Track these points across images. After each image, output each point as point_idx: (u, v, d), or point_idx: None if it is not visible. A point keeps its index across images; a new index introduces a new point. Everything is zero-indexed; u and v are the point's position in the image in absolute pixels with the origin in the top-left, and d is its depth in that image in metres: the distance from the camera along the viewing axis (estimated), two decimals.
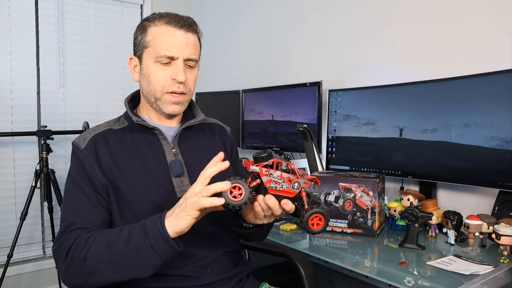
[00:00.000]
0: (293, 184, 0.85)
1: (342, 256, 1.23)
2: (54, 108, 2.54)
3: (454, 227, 1.35)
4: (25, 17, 2.41)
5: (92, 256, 0.83)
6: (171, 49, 0.98)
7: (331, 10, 2.09)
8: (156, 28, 0.99)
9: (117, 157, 0.99)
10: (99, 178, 0.96)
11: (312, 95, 1.98)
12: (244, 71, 2.70)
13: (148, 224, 0.83)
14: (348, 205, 1.41)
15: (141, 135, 1.03)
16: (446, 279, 1.03)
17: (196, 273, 0.98)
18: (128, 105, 1.07)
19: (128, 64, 1.07)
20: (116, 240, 0.83)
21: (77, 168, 0.98)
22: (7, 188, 2.40)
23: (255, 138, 2.33)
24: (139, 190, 0.97)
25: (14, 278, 2.43)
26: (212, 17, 2.94)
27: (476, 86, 1.38)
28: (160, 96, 1.01)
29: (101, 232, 0.88)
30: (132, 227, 0.85)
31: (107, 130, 1.03)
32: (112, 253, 0.83)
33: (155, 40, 0.98)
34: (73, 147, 1.00)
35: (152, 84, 1.01)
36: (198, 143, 1.10)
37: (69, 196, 0.97)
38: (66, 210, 0.96)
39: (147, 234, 0.81)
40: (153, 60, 0.99)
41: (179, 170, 1.02)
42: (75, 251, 0.85)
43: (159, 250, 0.81)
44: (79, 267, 0.85)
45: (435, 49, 1.65)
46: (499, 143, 1.32)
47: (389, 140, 1.64)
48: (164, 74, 1.00)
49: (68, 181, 0.99)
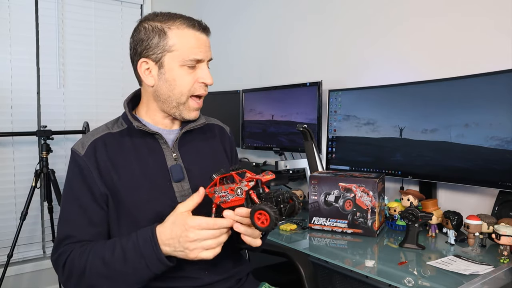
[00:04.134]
0: (236, 191, 0.85)
1: (342, 256, 1.23)
2: (54, 108, 2.54)
3: (454, 227, 1.35)
4: (25, 17, 2.41)
5: (90, 272, 0.88)
6: (199, 53, 0.98)
7: (331, 10, 2.09)
8: (179, 31, 0.97)
9: (116, 162, 0.98)
10: (99, 186, 0.95)
11: (312, 95, 1.98)
12: (244, 71, 2.70)
13: (142, 245, 0.86)
14: (348, 205, 1.41)
15: (141, 140, 1.02)
16: (446, 279, 1.03)
17: (195, 274, 0.98)
18: (127, 107, 1.05)
19: (138, 68, 1.01)
20: (111, 259, 0.87)
21: (76, 176, 0.97)
22: (7, 188, 2.40)
23: (255, 138, 2.33)
24: (139, 196, 0.96)
25: (14, 278, 2.43)
26: (212, 17, 2.94)
27: (476, 86, 1.38)
28: (186, 100, 1.00)
29: (94, 247, 0.90)
30: (125, 245, 0.87)
31: (106, 134, 1.02)
32: (109, 270, 0.87)
33: (181, 44, 0.96)
34: (72, 153, 1.00)
35: (178, 89, 0.99)
36: (198, 147, 1.09)
37: (65, 206, 0.98)
38: (62, 221, 0.98)
39: (142, 255, 0.85)
40: (178, 64, 0.97)
41: (179, 175, 1.01)
42: (72, 266, 0.90)
43: (155, 269, 0.86)
44: (78, 279, 0.89)
45: (435, 49, 1.65)
46: (499, 143, 1.32)
47: (389, 140, 1.64)
48: (191, 77, 0.99)
49: (66, 189, 1.00)
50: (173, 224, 0.85)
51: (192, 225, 0.82)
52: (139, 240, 0.86)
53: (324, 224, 1.46)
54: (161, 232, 0.86)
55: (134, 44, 1.01)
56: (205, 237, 0.83)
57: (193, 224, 0.82)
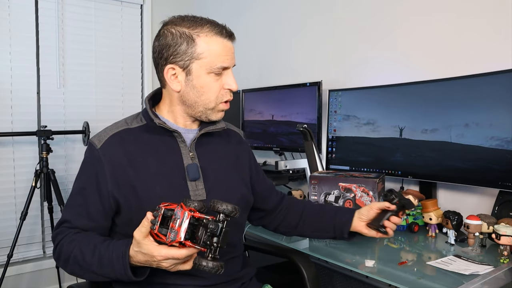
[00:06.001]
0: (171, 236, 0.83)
1: (342, 256, 1.23)
2: (54, 108, 2.54)
3: (454, 227, 1.35)
4: (25, 17, 2.41)
5: (73, 262, 0.95)
6: (226, 60, 1.00)
7: (331, 10, 2.09)
8: (208, 39, 0.98)
9: (132, 157, 0.99)
10: (108, 184, 0.97)
11: (312, 95, 1.98)
12: (244, 71, 2.69)
13: (115, 259, 0.88)
14: (348, 205, 1.41)
15: (160, 136, 1.03)
16: (446, 279, 1.03)
17: (203, 273, 0.97)
18: (148, 104, 1.05)
19: (165, 73, 1.00)
20: (90, 260, 0.92)
21: (88, 167, 1.01)
22: (7, 188, 2.40)
23: (255, 138, 2.33)
24: (154, 192, 0.97)
25: (14, 278, 2.43)
26: (212, 17, 2.92)
27: (476, 86, 1.38)
28: (215, 105, 1.02)
29: (81, 241, 0.95)
30: (103, 253, 0.90)
31: (124, 130, 1.03)
32: (87, 268, 0.93)
33: (210, 51, 0.97)
34: (89, 144, 1.02)
35: (206, 95, 1.00)
36: (214, 149, 1.10)
37: (73, 192, 1.03)
38: (67, 205, 1.03)
39: (114, 269, 0.89)
40: (206, 72, 0.98)
41: (195, 174, 1.02)
42: (60, 251, 0.97)
43: (126, 280, 0.91)
44: (63, 263, 0.98)
45: (435, 49, 1.65)
46: (499, 143, 1.32)
47: (389, 140, 1.64)
48: (218, 84, 1.01)
49: (77, 176, 1.04)
50: (141, 253, 0.85)
51: (159, 258, 0.83)
52: (113, 255, 0.89)
53: None
54: (133, 256, 0.87)
55: (160, 48, 1.00)
56: (176, 262, 0.85)
57: (160, 257, 0.83)
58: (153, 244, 0.84)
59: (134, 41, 2.84)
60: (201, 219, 0.82)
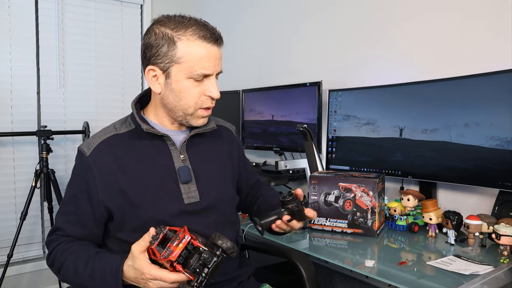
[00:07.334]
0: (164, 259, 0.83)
1: (342, 256, 1.23)
2: (54, 108, 2.54)
3: (454, 227, 1.35)
4: (25, 17, 2.41)
5: (65, 272, 0.95)
6: (208, 67, 0.94)
7: (331, 10, 2.09)
8: (189, 43, 0.92)
9: (122, 163, 0.98)
10: (98, 191, 0.96)
11: (312, 95, 1.98)
12: (244, 71, 2.70)
13: (108, 274, 0.89)
14: (348, 205, 1.41)
15: (149, 141, 1.01)
16: (446, 279, 1.03)
17: None
18: (135, 108, 1.03)
19: (146, 74, 0.98)
20: (83, 272, 0.92)
21: (78, 175, 1.00)
22: (7, 188, 2.40)
23: (255, 138, 2.33)
24: (146, 197, 0.97)
25: (14, 278, 2.43)
26: (212, 17, 2.94)
27: (476, 86, 1.38)
28: (193, 111, 0.99)
29: (74, 251, 0.95)
30: (96, 265, 0.90)
31: (113, 135, 1.01)
32: (79, 279, 0.94)
33: (190, 56, 0.93)
34: (78, 152, 1.01)
35: (184, 101, 0.97)
36: (205, 149, 1.08)
37: (64, 200, 1.03)
38: (60, 212, 1.03)
39: (106, 283, 0.89)
40: (185, 77, 0.94)
41: (187, 176, 1.01)
42: (54, 259, 0.97)
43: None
44: (56, 271, 0.98)
45: (435, 49, 1.65)
46: (499, 143, 1.32)
47: (389, 140, 1.64)
48: (198, 90, 0.96)
49: (68, 184, 1.03)
50: (133, 268, 0.86)
51: (148, 276, 0.83)
52: (107, 268, 0.89)
53: (324, 224, 1.46)
54: (125, 271, 0.88)
55: (144, 47, 0.97)
56: (162, 285, 0.84)
57: (149, 275, 0.83)
58: (147, 261, 0.84)
59: (134, 41, 2.83)
60: (198, 248, 0.83)
